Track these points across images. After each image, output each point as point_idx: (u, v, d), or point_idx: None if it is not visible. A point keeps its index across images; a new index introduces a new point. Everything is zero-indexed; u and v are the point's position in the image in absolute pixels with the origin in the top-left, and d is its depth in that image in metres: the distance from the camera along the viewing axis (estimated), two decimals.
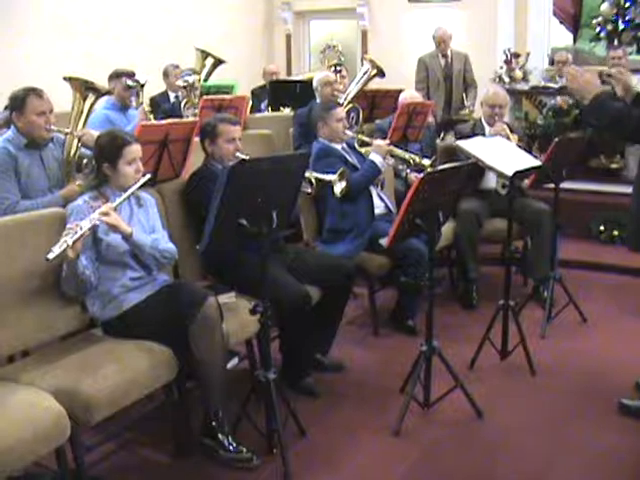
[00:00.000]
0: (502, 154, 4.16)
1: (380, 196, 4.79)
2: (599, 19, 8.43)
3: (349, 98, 5.99)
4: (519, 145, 4.84)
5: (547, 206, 5.00)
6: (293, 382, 3.77)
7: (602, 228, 6.42)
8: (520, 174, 4.08)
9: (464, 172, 3.56)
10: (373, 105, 6.46)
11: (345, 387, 3.92)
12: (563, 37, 9.70)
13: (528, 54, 8.36)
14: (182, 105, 5.77)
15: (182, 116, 5.64)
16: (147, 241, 3.21)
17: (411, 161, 4.83)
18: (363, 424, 3.53)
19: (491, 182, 5.23)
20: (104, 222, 3.00)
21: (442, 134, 7.28)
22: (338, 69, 6.60)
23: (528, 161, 4.23)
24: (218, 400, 3.19)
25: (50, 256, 2.77)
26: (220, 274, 3.79)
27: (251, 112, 6.72)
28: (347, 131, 4.68)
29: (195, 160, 4.06)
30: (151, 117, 5.01)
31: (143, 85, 5.15)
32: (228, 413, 3.23)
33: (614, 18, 8.24)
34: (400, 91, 5.90)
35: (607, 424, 3.49)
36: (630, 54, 7.74)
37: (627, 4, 8.15)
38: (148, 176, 3.26)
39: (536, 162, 4.30)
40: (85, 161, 3.90)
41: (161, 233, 3.38)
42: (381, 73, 6.05)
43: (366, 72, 6.06)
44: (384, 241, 3.46)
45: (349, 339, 4.46)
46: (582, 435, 3.40)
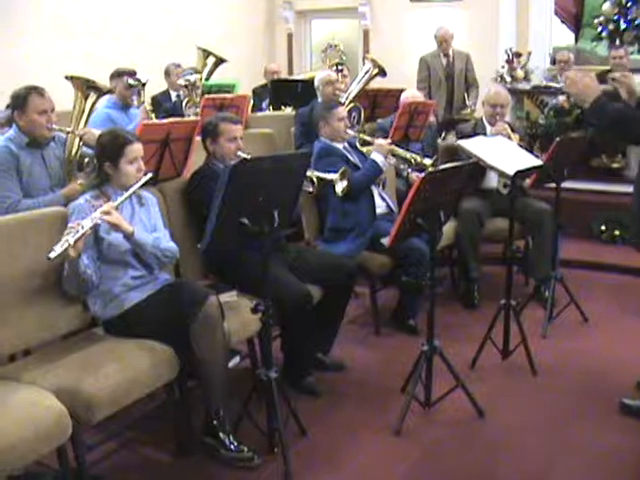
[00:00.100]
0: (503, 154, 4.16)
1: (381, 195, 4.78)
2: (601, 18, 8.42)
3: (350, 97, 5.98)
4: (520, 145, 4.84)
5: (548, 206, 5.00)
6: (294, 381, 3.77)
7: (603, 228, 6.41)
8: (521, 173, 4.08)
9: (465, 172, 3.56)
10: (374, 104, 6.46)
11: (346, 386, 3.92)
12: (565, 36, 9.71)
13: (530, 53, 8.37)
14: (183, 104, 5.76)
15: (183, 115, 5.63)
16: (148, 240, 3.21)
17: (412, 160, 4.83)
18: (364, 423, 3.53)
19: (492, 182, 5.23)
20: (105, 221, 3.00)
21: (443, 134, 7.28)
22: (340, 68, 6.58)
23: (529, 161, 4.23)
24: (219, 399, 3.19)
25: (52, 255, 2.77)
26: (221, 273, 3.79)
27: (252, 111, 6.72)
28: (348, 130, 4.68)
29: (196, 159, 4.06)
30: (152, 116, 5.00)
31: (144, 84, 5.14)
32: (229, 412, 3.23)
33: (616, 17, 8.23)
34: (402, 90, 5.90)
35: (608, 424, 3.49)
36: (632, 54, 7.73)
37: (629, 3, 8.13)
38: (149, 175, 3.25)
39: (537, 162, 4.30)
40: (86, 160, 3.89)
41: (162, 232, 3.38)
42: (383, 72, 6.04)
43: (368, 71, 6.05)
44: (385, 240, 3.45)
45: (350, 338, 4.46)
46: (583, 435, 3.40)
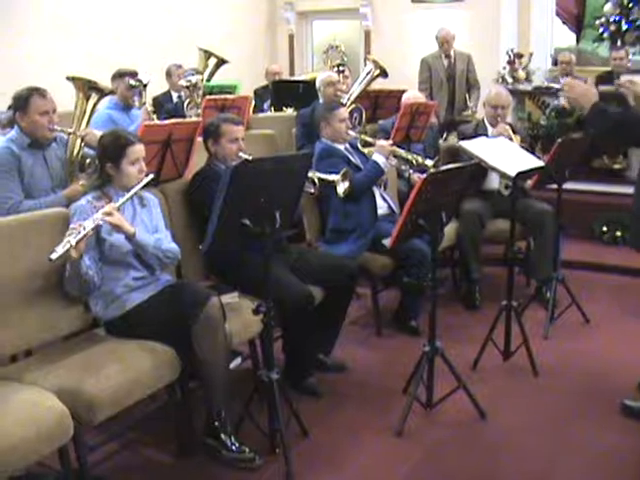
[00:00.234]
0: (505, 155, 4.16)
1: (383, 196, 4.78)
2: (602, 19, 8.45)
3: (352, 98, 5.98)
4: (522, 146, 4.84)
5: (550, 207, 4.99)
6: (296, 382, 3.76)
7: (605, 229, 6.41)
8: (523, 175, 4.08)
9: (467, 173, 3.56)
10: (376, 105, 6.46)
11: (348, 387, 3.92)
12: (566, 37, 9.72)
13: (531, 54, 8.37)
14: (185, 105, 5.77)
15: (185, 116, 5.64)
16: (150, 241, 3.21)
17: (414, 161, 4.82)
18: (366, 424, 3.52)
19: (494, 183, 5.23)
20: (107, 222, 3.00)
21: (445, 135, 7.28)
22: (341, 69, 6.59)
23: (531, 162, 4.23)
24: (221, 400, 3.19)
25: (53, 256, 2.77)
26: (223, 274, 3.79)
27: (254, 112, 6.72)
28: (350, 131, 4.68)
29: (198, 160, 4.06)
30: (154, 117, 5.01)
31: (146, 85, 5.14)
32: (231, 413, 3.23)
33: (617, 18, 8.24)
34: (403, 91, 5.90)
35: (609, 425, 3.49)
36: (633, 54, 7.74)
37: (630, 4, 8.16)
38: (151, 176, 3.26)
39: (539, 163, 4.30)
40: (88, 161, 3.90)
41: (164, 233, 3.38)
42: (384, 73, 6.05)
43: (369, 72, 6.05)
44: (387, 241, 3.45)
45: (352, 339, 4.46)
46: (585, 436, 3.40)
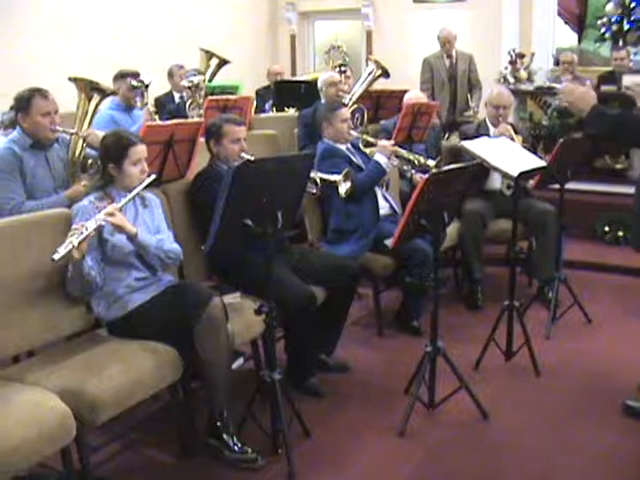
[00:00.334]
0: (507, 155, 4.15)
1: (385, 197, 4.78)
2: (604, 19, 8.44)
3: (354, 99, 5.98)
4: (524, 146, 4.83)
5: (552, 207, 4.99)
6: (298, 382, 3.76)
7: (607, 229, 6.40)
8: (525, 175, 4.08)
9: (469, 173, 3.55)
10: (378, 106, 6.46)
11: (350, 388, 3.92)
12: (568, 37, 9.72)
13: (533, 54, 8.36)
14: (187, 105, 5.77)
15: (187, 116, 5.64)
16: (152, 242, 3.21)
17: (416, 162, 4.81)
18: (368, 424, 3.52)
19: (496, 183, 5.22)
20: (109, 222, 3.00)
21: (446, 135, 7.27)
22: (343, 69, 6.58)
23: (533, 162, 4.22)
24: (223, 400, 3.19)
25: (56, 257, 2.77)
26: (225, 274, 3.79)
27: (255, 112, 6.71)
28: (352, 131, 4.68)
29: (200, 160, 4.06)
30: (156, 117, 5.01)
31: (148, 85, 5.15)
32: (233, 413, 3.23)
33: (619, 18, 8.24)
34: (405, 92, 5.89)
35: (611, 425, 3.49)
36: (635, 54, 7.73)
37: (632, 4, 8.16)
38: (153, 176, 3.26)
39: (541, 163, 4.29)
40: (90, 161, 3.90)
41: (166, 234, 3.38)
42: (386, 74, 6.05)
43: (371, 73, 6.06)
44: (389, 242, 3.45)
45: (354, 339, 4.46)
46: (586, 436, 3.40)
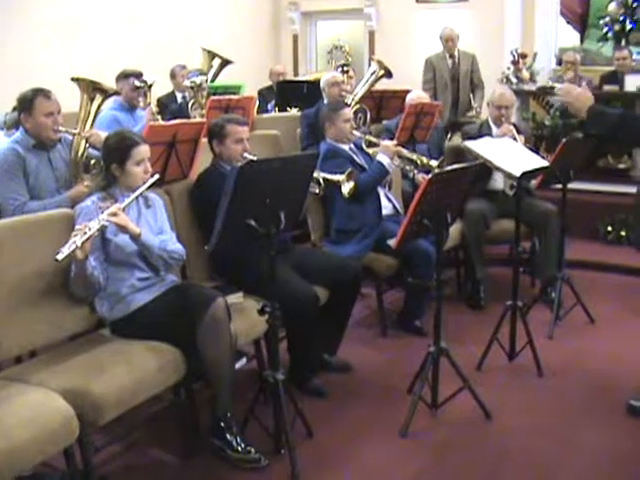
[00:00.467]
0: (510, 155, 4.15)
1: (388, 197, 4.79)
2: (606, 19, 8.43)
3: (356, 99, 5.99)
4: (526, 146, 4.83)
5: (554, 207, 4.99)
6: (301, 382, 3.76)
7: (609, 229, 6.40)
8: (528, 175, 4.08)
9: (472, 173, 3.55)
10: (380, 106, 6.46)
11: (353, 388, 3.92)
12: (570, 37, 9.70)
13: (535, 54, 8.34)
14: (189, 106, 5.78)
15: (189, 117, 5.65)
16: (155, 242, 3.21)
17: (419, 162, 4.82)
18: (371, 424, 3.52)
19: (498, 183, 5.22)
20: (113, 223, 3.00)
21: (449, 135, 7.27)
22: (345, 69, 6.60)
23: (536, 162, 4.22)
24: (226, 400, 3.19)
25: (59, 257, 2.77)
26: (228, 275, 3.79)
27: (258, 113, 6.71)
28: (354, 132, 4.68)
29: (203, 161, 4.06)
30: (158, 118, 5.01)
31: (150, 86, 5.16)
32: (236, 413, 3.23)
33: (622, 18, 8.23)
34: (407, 92, 5.89)
35: (615, 425, 3.48)
36: (637, 54, 7.73)
37: (635, 4, 8.14)
38: (156, 177, 3.25)
39: (543, 163, 4.29)
40: (93, 162, 3.90)
41: (169, 234, 3.38)
42: (388, 74, 6.05)
43: (374, 73, 6.06)
44: (392, 242, 3.45)
45: (357, 339, 4.45)
46: (590, 436, 3.40)
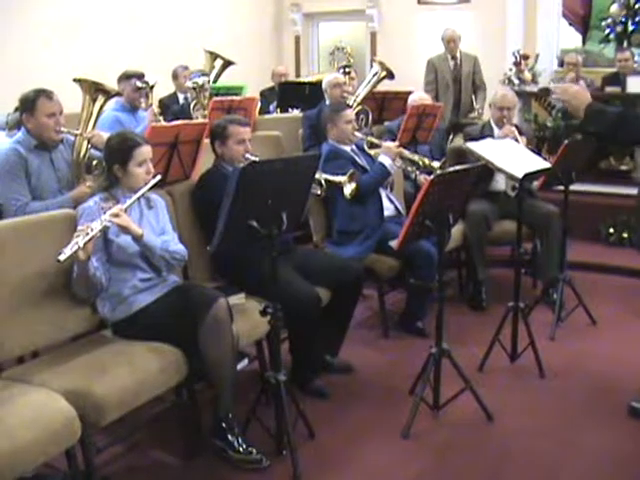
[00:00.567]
0: (512, 156, 4.15)
1: (389, 198, 4.78)
2: (608, 20, 8.43)
3: (358, 100, 5.99)
4: (528, 147, 4.83)
5: (556, 208, 4.98)
6: (303, 384, 3.76)
7: (611, 230, 6.40)
8: (530, 176, 4.08)
9: (474, 174, 3.55)
10: (382, 107, 6.47)
11: (354, 389, 3.91)
12: (572, 39, 9.70)
13: (537, 56, 8.34)
14: (191, 106, 5.78)
15: (191, 117, 5.65)
16: (157, 243, 3.21)
17: (420, 163, 4.82)
18: (372, 426, 3.52)
19: (500, 184, 5.22)
20: (115, 223, 3.00)
21: (451, 136, 7.27)
22: (347, 71, 6.59)
23: (538, 163, 4.22)
24: (228, 401, 3.19)
25: (61, 257, 2.77)
26: (230, 275, 3.79)
27: (260, 114, 6.72)
28: (356, 133, 4.68)
29: (205, 161, 4.07)
30: (160, 118, 5.01)
31: (152, 86, 5.16)
32: (238, 414, 3.23)
33: (623, 19, 8.23)
34: (409, 93, 5.90)
35: (617, 427, 3.48)
36: (639, 56, 7.73)
37: (637, 5, 8.14)
38: (158, 177, 3.25)
39: (545, 164, 4.29)
40: (95, 162, 3.90)
41: (171, 235, 3.38)
42: (390, 75, 6.05)
43: (376, 74, 6.06)
44: (394, 243, 3.44)
45: (358, 341, 4.45)
46: (592, 437, 3.39)
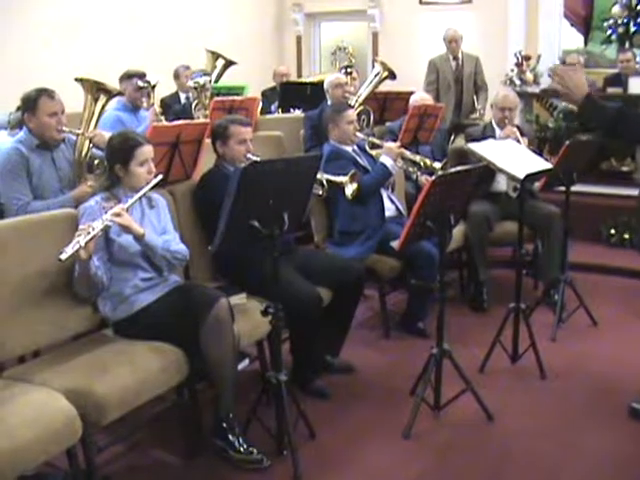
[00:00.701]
0: (513, 157, 4.15)
1: (391, 198, 4.78)
2: (610, 21, 8.41)
3: (360, 100, 5.99)
4: (530, 148, 4.83)
5: (558, 209, 4.98)
6: (304, 384, 3.76)
7: (612, 231, 6.39)
8: (531, 177, 4.07)
9: (475, 175, 3.55)
10: (384, 107, 6.47)
11: (355, 389, 3.91)
12: (574, 39, 9.70)
13: (539, 56, 8.32)
14: (193, 106, 5.78)
15: (193, 117, 5.65)
16: (159, 242, 3.21)
17: (422, 164, 4.82)
18: (373, 426, 3.52)
19: (501, 185, 5.22)
20: (116, 223, 3.00)
21: (452, 137, 7.26)
22: (349, 71, 6.59)
23: (539, 164, 4.22)
24: (229, 401, 3.19)
25: (63, 257, 2.77)
26: (231, 275, 3.79)
27: (261, 114, 6.72)
28: (358, 133, 4.68)
29: (206, 161, 4.07)
30: (162, 118, 5.01)
31: (154, 86, 5.16)
32: (239, 414, 3.23)
33: (625, 20, 8.22)
34: (411, 93, 5.90)
35: (617, 428, 3.48)
36: None
37: (639, 6, 8.12)
38: (160, 177, 3.26)
39: (547, 165, 4.29)
40: (96, 162, 3.91)
41: (173, 234, 3.38)
42: (392, 75, 6.05)
43: (377, 74, 6.06)
44: (395, 243, 3.44)
45: (359, 341, 4.45)
46: (592, 438, 3.39)
